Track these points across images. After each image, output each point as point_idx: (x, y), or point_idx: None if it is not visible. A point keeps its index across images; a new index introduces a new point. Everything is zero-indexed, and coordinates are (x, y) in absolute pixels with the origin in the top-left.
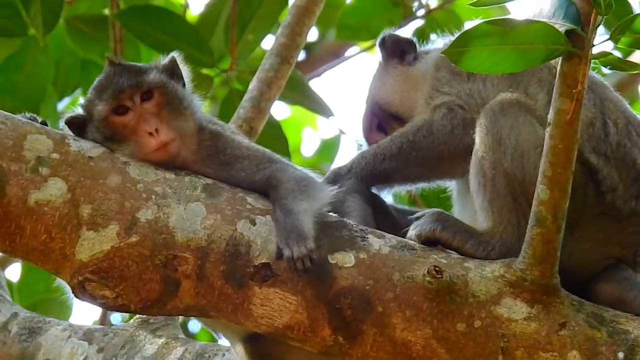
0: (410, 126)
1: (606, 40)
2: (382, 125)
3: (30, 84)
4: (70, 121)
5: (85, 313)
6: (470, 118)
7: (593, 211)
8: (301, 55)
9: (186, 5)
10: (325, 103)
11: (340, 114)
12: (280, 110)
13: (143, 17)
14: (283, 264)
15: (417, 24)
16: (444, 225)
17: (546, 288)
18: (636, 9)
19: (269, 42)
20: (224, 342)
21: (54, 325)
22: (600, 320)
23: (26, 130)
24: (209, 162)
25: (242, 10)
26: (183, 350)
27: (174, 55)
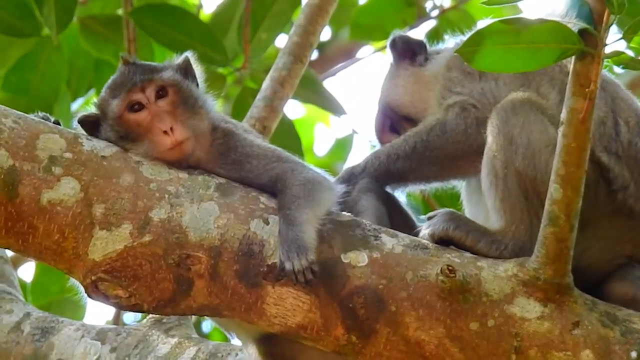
0: (423, 126)
1: (619, 39)
2: (395, 127)
3: (44, 83)
4: (83, 120)
5: (98, 313)
6: (483, 117)
7: (604, 210)
8: (314, 54)
9: (200, 5)
10: (338, 102)
11: (353, 113)
12: (295, 109)
13: (156, 16)
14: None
15: (431, 24)
16: (456, 225)
17: (559, 287)
18: None
19: (282, 41)
20: (237, 342)
21: (66, 325)
22: (613, 319)
23: (39, 129)
24: (221, 162)
25: (256, 8)
26: (196, 350)
27: (188, 55)
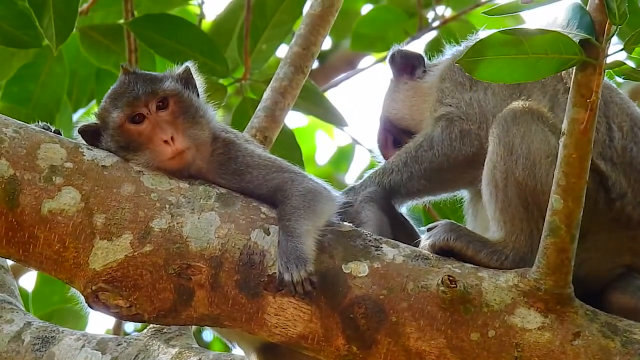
0: (413, 141)
1: (620, 50)
2: (398, 141)
3: (45, 93)
4: (83, 130)
5: (98, 322)
6: (467, 129)
7: (604, 219)
8: (315, 64)
9: (202, 15)
10: (340, 113)
11: (355, 124)
12: (297, 118)
13: (156, 26)
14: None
15: (433, 35)
16: (457, 235)
17: (560, 298)
18: None
19: (283, 51)
20: (238, 352)
21: (67, 335)
22: (614, 329)
23: (40, 139)
24: (222, 171)
25: (256, 19)
26: None
27: (189, 64)
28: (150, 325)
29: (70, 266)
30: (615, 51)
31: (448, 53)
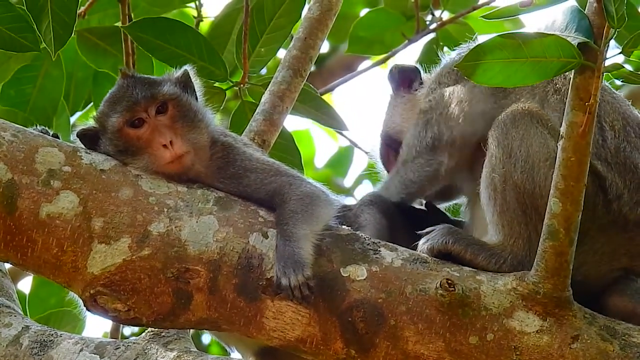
0: (399, 155)
1: (618, 53)
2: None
3: (43, 96)
4: (82, 134)
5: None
6: (439, 137)
7: (601, 222)
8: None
9: (200, 18)
10: (339, 116)
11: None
12: (298, 121)
13: (154, 30)
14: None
15: (430, 37)
16: (455, 238)
17: (558, 301)
18: None
19: (281, 54)
20: (236, 355)
21: (65, 339)
22: (612, 333)
23: (38, 143)
24: (220, 175)
25: (255, 23)
26: None
27: (187, 68)
28: (149, 328)
29: (69, 270)
30: (613, 54)
31: (442, 63)
